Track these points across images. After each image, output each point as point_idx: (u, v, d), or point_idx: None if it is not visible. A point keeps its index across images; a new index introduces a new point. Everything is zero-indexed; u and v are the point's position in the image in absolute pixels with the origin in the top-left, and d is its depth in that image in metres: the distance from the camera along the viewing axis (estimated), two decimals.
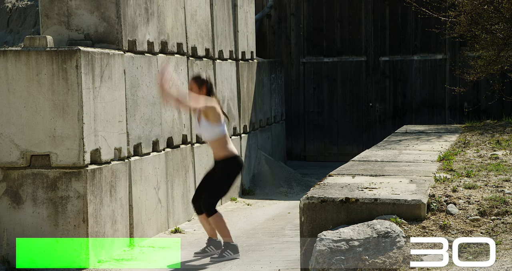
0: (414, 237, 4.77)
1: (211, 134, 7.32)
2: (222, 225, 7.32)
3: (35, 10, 13.78)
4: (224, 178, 7.36)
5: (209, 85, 7.45)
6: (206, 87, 7.42)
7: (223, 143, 7.32)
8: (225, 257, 7.29)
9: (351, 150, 14.21)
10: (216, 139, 7.32)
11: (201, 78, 7.46)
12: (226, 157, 7.33)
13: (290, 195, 11.59)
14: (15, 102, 6.97)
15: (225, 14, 10.96)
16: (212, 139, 7.33)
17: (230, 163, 7.35)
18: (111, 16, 7.78)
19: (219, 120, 7.31)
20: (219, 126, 7.30)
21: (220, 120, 7.32)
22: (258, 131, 12.44)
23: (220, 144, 7.32)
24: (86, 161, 6.98)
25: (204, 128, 7.34)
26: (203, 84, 7.42)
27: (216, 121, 7.29)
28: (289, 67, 14.83)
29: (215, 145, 7.35)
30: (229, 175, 7.37)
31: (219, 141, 7.32)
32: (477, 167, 6.45)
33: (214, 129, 7.29)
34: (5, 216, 7.02)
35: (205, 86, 7.41)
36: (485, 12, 10.76)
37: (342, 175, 6.02)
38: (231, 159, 7.34)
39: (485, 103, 13.72)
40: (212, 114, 7.28)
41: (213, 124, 7.29)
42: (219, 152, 7.35)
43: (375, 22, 14.54)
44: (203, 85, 7.42)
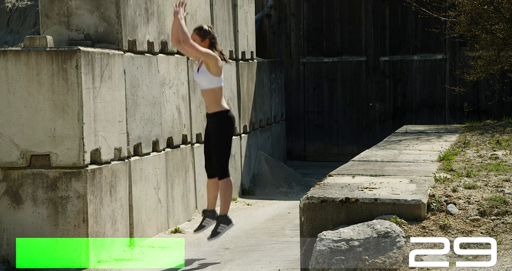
0: (414, 237, 4.77)
1: (207, 83, 7.23)
2: (228, 191, 7.37)
3: (35, 10, 13.78)
4: (223, 137, 7.32)
5: (212, 37, 7.30)
6: (209, 39, 7.29)
7: (217, 95, 7.24)
8: (220, 232, 7.37)
9: (351, 150, 14.21)
10: (212, 89, 7.23)
11: (203, 29, 7.31)
12: (219, 111, 7.28)
13: (290, 195, 11.59)
14: (15, 102, 6.97)
15: (225, 14, 10.96)
16: (208, 88, 7.24)
17: (222, 118, 7.28)
18: (111, 16, 7.78)
19: (219, 73, 7.24)
20: (217, 78, 7.24)
21: (220, 73, 7.24)
22: (258, 131, 12.44)
23: (214, 95, 7.24)
24: (86, 161, 6.98)
25: (202, 76, 7.26)
26: (206, 36, 7.29)
27: (215, 73, 7.22)
28: (289, 67, 14.83)
29: (210, 95, 7.26)
30: (226, 132, 7.32)
31: (214, 92, 7.24)
32: (477, 167, 6.45)
33: (212, 79, 7.22)
34: (5, 216, 7.03)
35: (208, 39, 7.29)
36: (485, 12, 10.76)
37: (342, 175, 6.02)
38: (222, 112, 7.28)
39: (485, 103, 13.73)
40: (213, 65, 7.18)
41: (212, 75, 7.22)
42: (211, 104, 7.28)
43: (375, 22, 14.54)
44: (206, 37, 7.29)
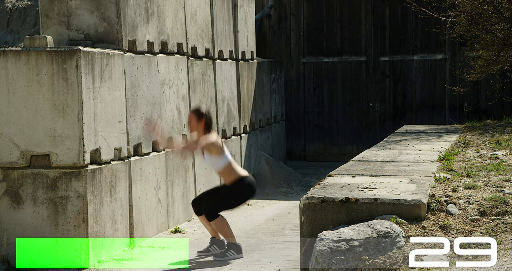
0: (414, 237, 4.77)
1: (216, 166, 7.46)
2: (225, 228, 7.38)
3: (35, 10, 13.78)
4: (231, 195, 7.44)
5: (207, 119, 7.49)
6: (205, 121, 7.46)
7: (229, 170, 7.43)
8: (228, 256, 7.31)
9: (351, 150, 14.21)
10: (222, 169, 7.43)
11: (200, 112, 7.50)
12: (234, 181, 7.44)
13: (290, 195, 11.59)
14: (15, 102, 6.97)
15: (225, 14, 10.96)
16: (219, 169, 7.46)
17: (239, 184, 7.44)
18: (111, 16, 7.78)
19: (222, 153, 7.41)
20: (222, 158, 7.41)
21: (223, 153, 7.42)
22: (258, 131, 12.44)
23: (227, 171, 7.44)
24: (86, 161, 6.97)
25: (209, 162, 7.49)
26: (202, 118, 7.47)
27: (219, 155, 7.40)
28: (289, 67, 14.83)
29: (223, 173, 7.48)
30: (236, 193, 7.45)
31: (226, 169, 7.43)
32: (477, 167, 6.45)
33: (219, 161, 7.41)
34: (5, 216, 7.02)
35: (203, 120, 7.46)
36: (485, 12, 10.76)
37: (342, 175, 6.01)
38: (239, 180, 7.44)
39: (485, 103, 13.72)
40: (214, 150, 7.39)
41: (217, 157, 7.39)
42: (227, 179, 7.48)
43: (375, 22, 14.54)
44: (202, 119, 7.47)
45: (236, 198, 7.45)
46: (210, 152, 7.40)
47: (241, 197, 7.48)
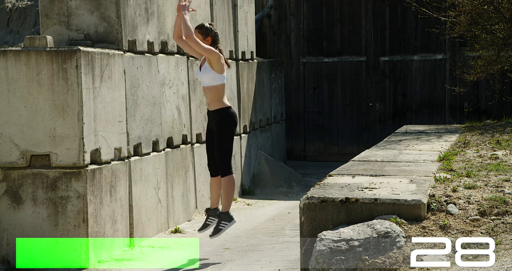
0: (414, 237, 4.77)
1: (210, 81, 7.23)
2: (230, 189, 7.35)
3: (35, 10, 13.78)
4: (224, 134, 7.29)
5: (213, 35, 7.26)
6: (211, 37, 7.25)
7: (220, 92, 7.24)
8: (222, 229, 7.36)
9: (351, 150, 14.21)
10: (214, 86, 7.23)
11: (205, 27, 7.28)
12: (220, 108, 7.27)
13: (290, 195, 11.59)
14: (15, 102, 6.97)
15: (225, 14, 10.96)
16: (210, 85, 7.23)
17: (224, 115, 7.27)
18: (111, 16, 7.78)
19: (222, 71, 7.23)
20: (220, 76, 7.24)
21: (223, 71, 7.23)
22: (258, 131, 12.44)
23: (217, 92, 7.24)
24: (86, 161, 6.98)
25: (205, 74, 7.25)
26: (208, 34, 7.25)
27: (218, 70, 7.21)
28: (289, 67, 14.83)
29: (212, 93, 7.25)
30: (227, 129, 7.30)
31: (217, 89, 7.24)
32: (477, 167, 6.45)
33: (215, 76, 7.22)
34: (5, 216, 7.02)
35: (210, 37, 7.25)
36: (485, 12, 10.76)
37: (342, 175, 6.02)
38: (224, 109, 7.27)
39: (485, 103, 13.73)
40: (216, 62, 7.17)
41: (215, 72, 7.21)
42: (213, 102, 7.28)
43: (375, 22, 14.54)
44: (208, 35, 7.25)
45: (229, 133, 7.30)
46: (211, 64, 7.19)
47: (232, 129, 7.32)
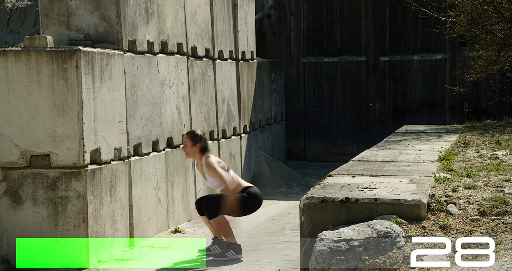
0: (414, 237, 4.77)
1: (219, 185, 7.38)
2: (225, 227, 7.35)
3: (35, 10, 13.78)
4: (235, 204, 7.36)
5: (203, 143, 7.43)
6: (200, 144, 7.41)
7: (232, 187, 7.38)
8: (227, 257, 7.30)
9: (351, 150, 14.21)
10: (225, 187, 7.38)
11: (195, 134, 7.45)
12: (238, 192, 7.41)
13: (290, 195, 11.59)
14: (15, 102, 6.97)
15: (225, 14, 10.96)
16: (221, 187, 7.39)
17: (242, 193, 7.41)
18: (111, 16, 7.78)
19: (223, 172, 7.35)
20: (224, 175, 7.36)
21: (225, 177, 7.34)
22: (258, 131, 12.44)
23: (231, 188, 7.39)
24: (86, 161, 6.97)
25: (212, 183, 7.42)
26: (197, 142, 7.42)
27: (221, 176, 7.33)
28: (289, 67, 14.83)
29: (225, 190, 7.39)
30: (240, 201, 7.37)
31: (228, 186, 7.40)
32: (477, 167, 6.45)
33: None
34: (5, 216, 7.02)
35: (198, 145, 7.41)
36: (485, 12, 10.76)
37: (342, 175, 6.02)
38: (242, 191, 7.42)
39: (485, 103, 13.72)
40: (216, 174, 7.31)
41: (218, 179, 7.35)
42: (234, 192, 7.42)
43: (375, 22, 14.54)
44: (197, 143, 7.42)
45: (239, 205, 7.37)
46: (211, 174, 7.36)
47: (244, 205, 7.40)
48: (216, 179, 7.30)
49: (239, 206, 7.35)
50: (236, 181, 7.43)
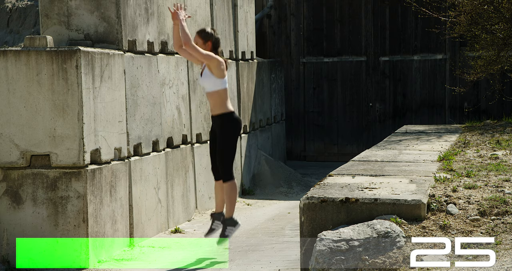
0: (414, 237, 4.77)
1: (212, 86, 7.19)
2: (233, 194, 7.31)
3: (35, 10, 13.78)
4: (227, 139, 7.24)
5: (214, 40, 7.22)
6: (212, 42, 7.21)
7: (222, 97, 7.20)
8: (228, 235, 7.31)
9: (351, 150, 14.22)
10: (216, 91, 7.19)
11: (206, 32, 7.23)
12: (223, 113, 7.23)
13: (290, 195, 11.59)
14: (15, 102, 6.97)
15: (225, 14, 10.96)
16: (212, 90, 7.19)
17: (227, 120, 7.23)
18: (111, 16, 7.78)
19: (223, 76, 7.20)
20: (222, 81, 7.20)
21: (224, 75, 7.20)
22: (258, 131, 12.44)
23: (219, 97, 7.20)
24: (86, 161, 6.98)
25: (206, 79, 7.22)
26: (208, 39, 7.20)
27: (220, 76, 7.18)
28: (289, 67, 14.84)
29: (214, 98, 7.22)
30: (230, 134, 7.25)
31: (219, 94, 7.20)
32: (477, 167, 6.45)
33: (216, 81, 7.17)
34: (5, 216, 7.03)
35: (210, 41, 7.21)
36: (485, 12, 10.76)
37: (342, 175, 6.02)
38: (227, 114, 7.23)
39: (485, 103, 13.73)
40: (216, 67, 7.13)
41: (216, 77, 7.18)
42: (216, 107, 7.24)
43: (375, 22, 14.54)
44: (208, 40, 7.20)
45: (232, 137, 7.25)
46: (211, 69, 7.17)
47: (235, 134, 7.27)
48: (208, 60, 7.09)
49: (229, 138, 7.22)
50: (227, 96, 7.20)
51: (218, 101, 7.22)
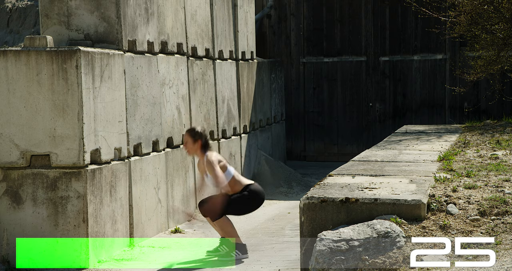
0: (414, 237, 4.77)
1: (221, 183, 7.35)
2: (228, 228, 7.34)
3: (35, 10, 13.78)
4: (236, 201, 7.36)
5: (203, 140, 7.39)
6: (201, 141, 7.38)
7: (234, 183, 7.38)
8: (233, 257, 7.30)
9: (351, 150, 14.21)
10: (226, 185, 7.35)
11: (195, 131, 7.41)
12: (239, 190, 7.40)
13: (290, 195, 11.59)
14: (15, 102, 6.97)
15: (225, 14, 10.96)
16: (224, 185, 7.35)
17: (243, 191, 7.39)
18: (111, 16, 7.78)
19: (225, 170, 7.34)
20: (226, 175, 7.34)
21: (226, 169, 7.33)
22: (258, 131, 12.44)
23: (232, 185, 7.38)
24: (86, 161, 6.98)
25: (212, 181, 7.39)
26: (197, 139, 7.37)
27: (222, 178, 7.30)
28: (289, 67, 14.83)
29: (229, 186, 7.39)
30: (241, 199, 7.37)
31: (230, 184, 7.37)
32: (477, 167, 6.45)
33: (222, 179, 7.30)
34: (5, 216, 7.03)
35: (199, 141, 7.37)
36: (485, 12, 10.76)
37: (342, 175, 6.02)
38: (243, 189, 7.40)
39: (485, 103, 13.73)
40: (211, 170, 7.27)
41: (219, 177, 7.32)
42: (232, 191, 7.41)
43: (375, 22, 14.54)
44: (197, 140, 7.37)
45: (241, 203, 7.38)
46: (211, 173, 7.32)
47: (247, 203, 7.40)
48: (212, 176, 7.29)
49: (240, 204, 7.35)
50: (237, 179, 7.41)
51: (233, 187, 7.38)
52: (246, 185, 7.43)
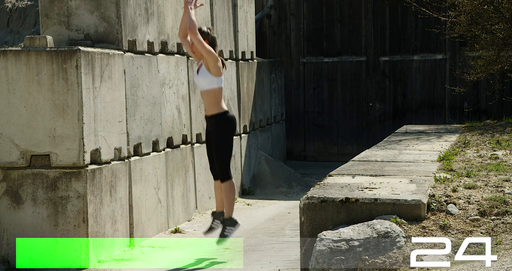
0: (414, 237, 4.78)
1: (207, 84, 7.11)
2: (231, 194, 7.27)
3: (35, 10, 13.78)
4: (223, 139, 7.19)
5: (211, 39, 7.15)
6: (209, 41, 7.13)
7: (217, 96, 7.13)
8: (228, 235, 7.28)
9: (351, 150, 14.21)
10: (211, 90, 7.11)
11: (201, 30, 7.14)
12: (218, 113, 7.17)
13: (290, 195, 11.59)
14: (15, 102, 6.97)
15: (225, 14, 10.96)
16: (208, 88, 7.11)
17: (222, 119, 7.18)
18: (111, 16, 7.78)
19: (220, 74, 7.11)
20: (218, 79, 7.11)
21: (220, 74, 7.11)
22: (258, 131, 12.44)
23: (214, 96, 7.13)
24: (86, 161, 6.98)
25: (202, 77, 7.14)
26: (204, 38, 7.11)
27: (215, 73, 7.09)
28: (289, 67, 14.84)
29: (209, 96, 7.14)
30: (226, 133, 7.20)
31: (214, 92, 7.13)
32: (477, 167, 6.45)
33: (212, 79, 7.09)
34: (5, 216, 7.03)
35: (207, 40, 7.12)
36: (485, 12, 10.76)
37: (342, 175, 6.02)
38: (222, 114, 7.18)
39: (485, 103, 13.73)
40: (213, 65, 7.05)
41: (213, 76, 7.09)
42: (210, 106, 7.17)
43: (375, 22, 14.54)
44: (205, 39, 7.12)
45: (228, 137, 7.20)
46: (208, 67, 7.07)
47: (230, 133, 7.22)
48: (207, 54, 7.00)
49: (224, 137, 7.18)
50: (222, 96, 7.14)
51: (213, 101, 7.16)
52: (225, 110, 7.19)
